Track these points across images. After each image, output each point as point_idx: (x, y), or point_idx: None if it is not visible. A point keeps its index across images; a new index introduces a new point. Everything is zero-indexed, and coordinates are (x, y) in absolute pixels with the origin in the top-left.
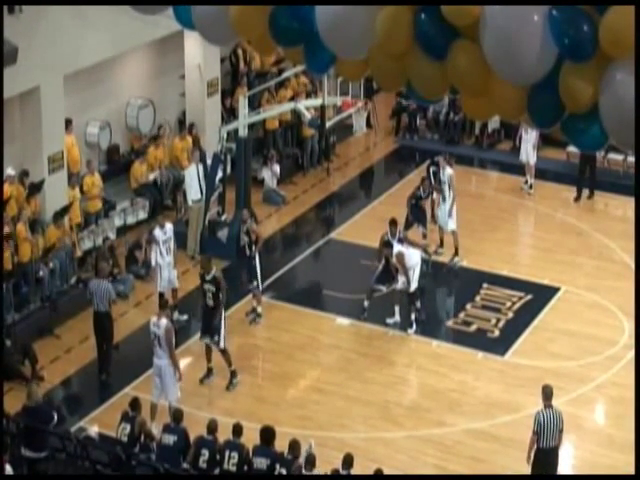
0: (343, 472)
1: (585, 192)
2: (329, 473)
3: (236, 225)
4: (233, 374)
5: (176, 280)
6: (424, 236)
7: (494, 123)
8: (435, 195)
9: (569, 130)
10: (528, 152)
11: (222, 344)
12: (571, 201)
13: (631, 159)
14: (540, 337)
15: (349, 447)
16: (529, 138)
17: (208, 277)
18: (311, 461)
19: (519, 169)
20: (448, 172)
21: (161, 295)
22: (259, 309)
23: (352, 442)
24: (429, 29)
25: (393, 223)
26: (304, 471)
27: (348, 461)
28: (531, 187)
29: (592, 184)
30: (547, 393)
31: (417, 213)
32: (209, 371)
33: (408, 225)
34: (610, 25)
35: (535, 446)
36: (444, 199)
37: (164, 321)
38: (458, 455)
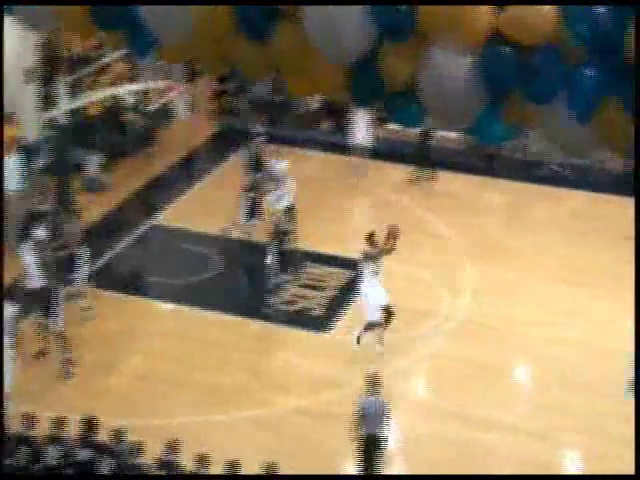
0: (167, 458)
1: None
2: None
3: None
4: (69, 361)
5: None
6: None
7: (316, 103)
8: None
9: (389, 107)
10: (362, 135)
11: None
12: (394, 178)
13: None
14: (362, 313)
15: (175, 433)
16: (361, 120)
17: None
18: (138, 450)
19: (342, 148)
20: (282, 166)
21: None
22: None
23: (178, 428)
24: (250, 11)
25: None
26: (133, 460)
27: (173, 447)
28: (363, 167)
29: (431, 164)
30: (372, 381)
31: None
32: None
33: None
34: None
35: (360, 433)
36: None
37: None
38: (284, 434)
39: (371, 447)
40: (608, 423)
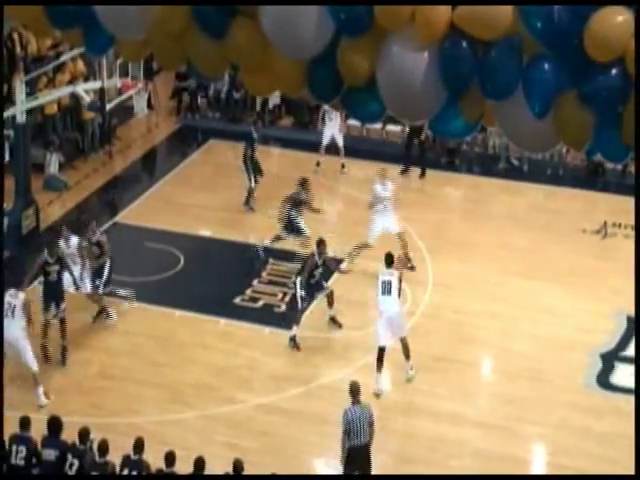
0: (135, 457)
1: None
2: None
3: (17, 213)
4: (66, 348)
5: None
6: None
7: (275, 99)
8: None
9: (348, 103)
10: (335, 136)
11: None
12: (354, 175)
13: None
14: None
15: (140, 431)
16: (334, 123)
17: (52, 260)
18: (103, 449)
19: (302, 145)
20: (390, 186)
21: None
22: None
23: (143, 426)
24: (207, 8)
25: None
26: (97, 459)
27: (139, 445)
28: (344, 167)
29: (423, 162)
30: (353, 390)
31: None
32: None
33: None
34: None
35: (347, 445)
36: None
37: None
38: (249, 431)
39: (358, 458)
40: (571, 416)
